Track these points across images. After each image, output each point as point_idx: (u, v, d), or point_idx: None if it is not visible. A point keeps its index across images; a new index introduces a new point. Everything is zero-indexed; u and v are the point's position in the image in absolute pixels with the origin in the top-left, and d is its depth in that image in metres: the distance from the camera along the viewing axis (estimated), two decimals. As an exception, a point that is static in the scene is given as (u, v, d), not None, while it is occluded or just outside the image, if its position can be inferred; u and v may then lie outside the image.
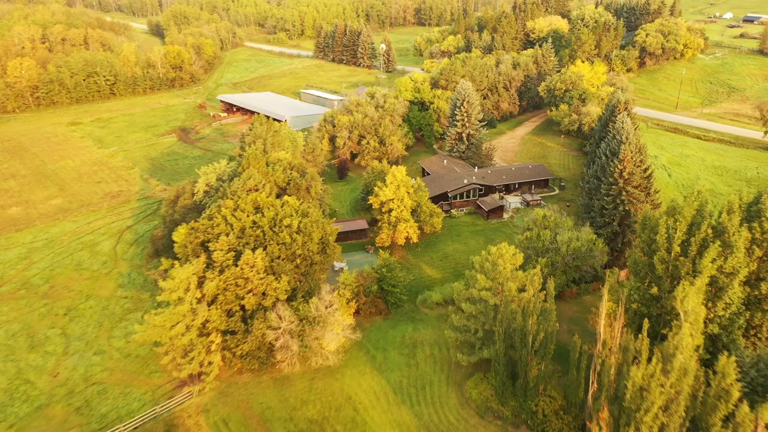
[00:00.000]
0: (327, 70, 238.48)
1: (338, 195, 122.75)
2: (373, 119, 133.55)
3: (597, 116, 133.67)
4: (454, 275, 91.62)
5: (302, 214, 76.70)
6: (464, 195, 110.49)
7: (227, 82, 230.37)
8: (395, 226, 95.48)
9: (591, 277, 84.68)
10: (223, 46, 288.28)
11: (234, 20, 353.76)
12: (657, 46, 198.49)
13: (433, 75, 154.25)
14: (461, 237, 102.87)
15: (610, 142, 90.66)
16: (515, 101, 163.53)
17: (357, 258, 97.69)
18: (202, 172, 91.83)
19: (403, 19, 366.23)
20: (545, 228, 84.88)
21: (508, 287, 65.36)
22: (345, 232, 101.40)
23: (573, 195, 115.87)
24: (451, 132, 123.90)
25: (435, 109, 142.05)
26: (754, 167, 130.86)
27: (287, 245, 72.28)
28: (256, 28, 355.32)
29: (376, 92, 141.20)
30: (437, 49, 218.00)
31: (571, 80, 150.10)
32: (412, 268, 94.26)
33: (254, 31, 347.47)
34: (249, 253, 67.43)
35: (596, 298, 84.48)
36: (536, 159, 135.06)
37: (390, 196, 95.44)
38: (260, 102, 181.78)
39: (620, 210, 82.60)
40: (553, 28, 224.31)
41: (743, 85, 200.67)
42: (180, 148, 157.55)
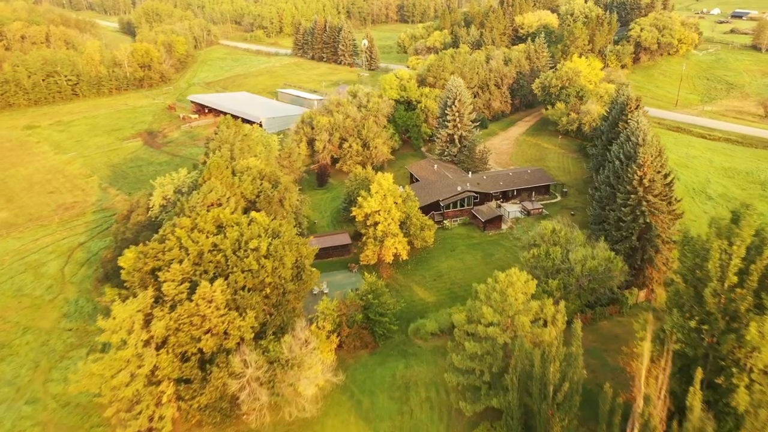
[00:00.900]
0: (306, 69, 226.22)
1: (318, 204, 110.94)
2: (355, 120, 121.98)
3: (598, 115, 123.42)
4: (449, 298, 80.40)
5: (272, 234, 64.84)
6: (458, 204, 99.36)
7: (200, 81, 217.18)
8: (382, 241, 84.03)
9: (607, 300, 73.96)
10: (197, 45, 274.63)
11: (210, 18, 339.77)
12: (652, 41, 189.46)
13: (419, 72, 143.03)
14: (456, 252, 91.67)
15: (624, 145, 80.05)
16: (507, 100, 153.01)
17: (339, 278, 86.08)
18: (158, 184, 79.56)
19: (386, 16, 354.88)
20: (555, 244, 73.95)
21: (520, 322, 54.22)
22: (325, 248, 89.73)
23: (577, 202, 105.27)
24: (442, 134, 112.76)
25: (423, 109, 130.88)
26: (767, 168, 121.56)
27: (254, 273, 60.41)
28: (233, 26, 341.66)
29: (359, 91, 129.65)
30: (423, 46, 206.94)
31: (567, 77, 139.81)
32: (402, 289, 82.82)
33: (230, 29, 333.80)
34: (206, 286, 55.45)
35: (614, 324, 73.81)
36: (533, 162, 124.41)
37: (375, 208, 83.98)
38: (234, 102, 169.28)
39: (640, 222, 71.95)
40: (542, 23, 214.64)
41: (741, 81, 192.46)
42: (145, 153, 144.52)
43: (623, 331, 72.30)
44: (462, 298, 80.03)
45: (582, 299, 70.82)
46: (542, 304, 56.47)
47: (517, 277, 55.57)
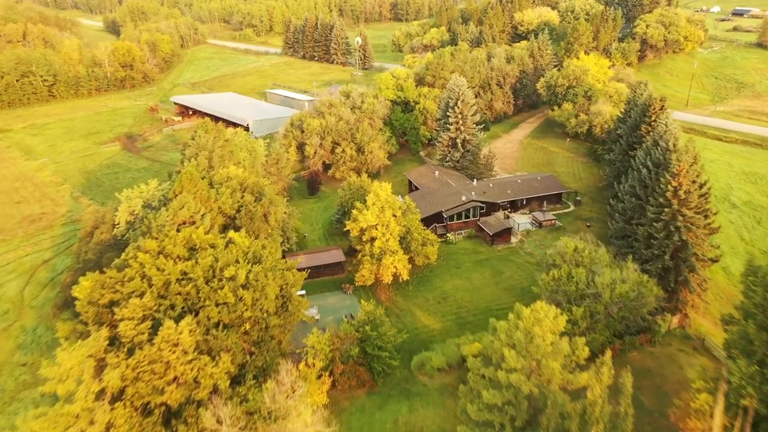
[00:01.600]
0: (297, 68, 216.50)
1: (308, 215, 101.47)
2: (348, 123, 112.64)
3: (610, 116, 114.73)
4: (457, 324, 71.22)
5: (253, 260, 55.40)
6: (462, 215, 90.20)
7: (185, 82, 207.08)
8: (380, 259, 74.74)
9: (636, 327, 64.92)
10: (183, 44, 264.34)
11: (197, 16, 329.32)
12: (659, 38, 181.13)
13: (417, 71, 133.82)
14: (462, 270, 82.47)
15: (652, 150, 71.09)
16: (510, 100, 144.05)
17: (332, 301, 76.76)
18: (124, 197, 69.92)
19: (379, 14, 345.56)
20: (577, 265, 64.89)
21: (549, 368, 45.09)
22: (316, 266, 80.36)
23: (592, 212, 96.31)
24: (443, 137, 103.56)
25: (421, 110, 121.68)
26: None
27: (230, 306, 50.95)
28: (221, 24, 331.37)
29: (352, 91, 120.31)
30: (419, 43, 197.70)
31: (574, 75, 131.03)
32: (403, 314, 73.54)
33: (219, 27, 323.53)
34: (170, 326, 45.95)
35: (645, 356, 64.76)
36: (540, 167, 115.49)
37: (372, 222, 74.71)
38: (219, 104, 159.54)
39: (674, 239, 62.96)
40: (543, 20, 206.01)
41: (751, 80, 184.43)
42: (123, 158, 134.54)
43: (656, 364, 63.40)
44: (471, 325, 71.07)
45: (611, 329, 61.77)
46: (574, 345, 47.31)
47: (545, 312, 46.38)
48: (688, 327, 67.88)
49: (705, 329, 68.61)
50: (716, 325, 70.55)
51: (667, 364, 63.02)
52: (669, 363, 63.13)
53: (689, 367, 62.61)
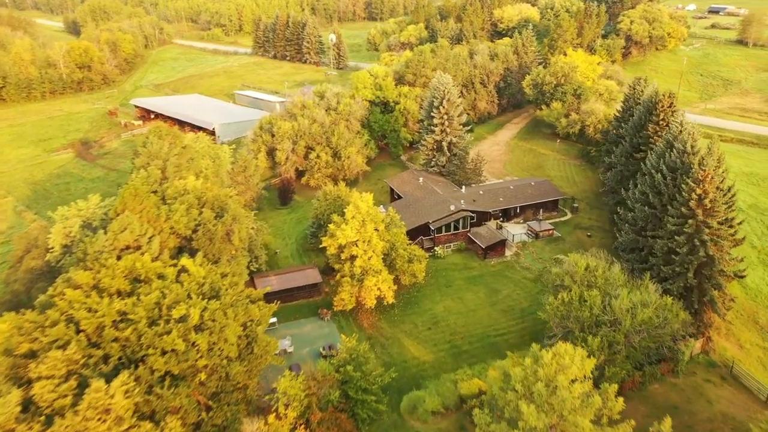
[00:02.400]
0: (267, 68, 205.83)
1: (280, 228, 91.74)
2: (323, 125, 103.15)
3: (604, 116, 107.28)
4: (451, 355, 62.31)
5: (210, 293, 45.68)
6: (451, 226, 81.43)
7: (149, 83, 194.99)
8: (361, 280, 65.53)
9: (656, 355, 56.73)
10: (147, 44, 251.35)
11: (163, 16, 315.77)
12: (644, 35, 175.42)
13: (396, 69, 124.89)
14: (453, 288, 73.65)
15: (666, 153, 63.11)
16: (494, 99, 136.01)
17: (308, 329, 67.26)
18: (59, 216, 59.39)
19: (353, 13, 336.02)
20: (590, 286, 56.48)
21: (578, 427, 36.38)
22: (290, 289, 70.86)
23: (591, 220, 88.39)
24: (427, 140, 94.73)
25: (402, 111, 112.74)
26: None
27: (180, 354, 41.22)
28: (189, 24, 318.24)
29: (327, 91, 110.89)
30: (396, 41, 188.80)
31: (562, 72, 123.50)
32: (389, 344, 64.36)
33: (186, 27, 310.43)
34: (99, 387, 36.10)
35: (667, 388, 56.57)
36: (531, 170, 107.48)
37: (352, 238, 65.50)
38: (184, 106, 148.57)
39: (700, 255, 54.88)
40: (523, 17, 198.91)
41: (737, 77, 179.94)
42: (76, 167, 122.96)
43: (681, 398, 55.27)
44: (467, 355, 62.27)
45: (631, 361, 53.44)
46: (605, 394, 38.61)
47: (571, 357, 37.61)
48: (712, 352, 60.00)
49: (730, 353, 60.81)
50: (741, 349, 62.96)
51: (694, 398, 54.97)
52: (696, 397, 55.08)
53: (719, 401, 54.70)
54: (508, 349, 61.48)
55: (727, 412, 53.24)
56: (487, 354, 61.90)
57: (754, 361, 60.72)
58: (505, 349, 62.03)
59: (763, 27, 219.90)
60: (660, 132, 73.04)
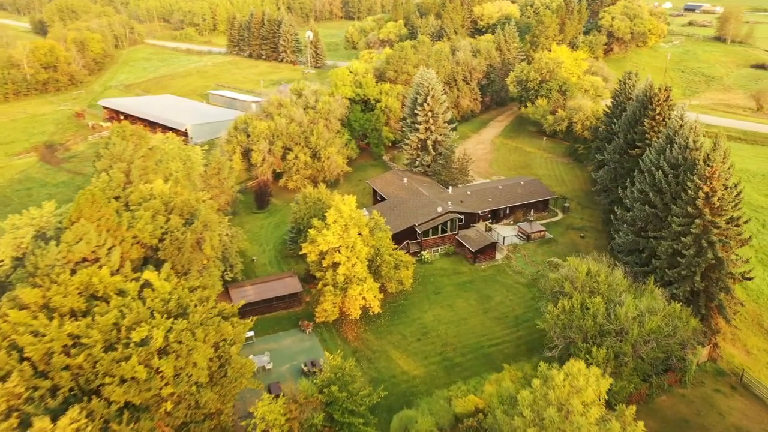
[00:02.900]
0: (243, 68, 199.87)
1: (257, 234, 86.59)
2: (301, 124, 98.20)
3: (592, 112, 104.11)
4: (443, 369, 57.92)
5: (177, 311, 40.65)
6: (439, 229, 77.16)
7: (119, 84, 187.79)
8: (345, 289, 60.85)
9: (663, 365, 52.99)
10: (117, 44, 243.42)
11: (134, 15, 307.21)
12: (626, 31, 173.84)
13: (377, 65, 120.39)
14: (442, 295, 69.33)
15: (667, 149, 59.58)
16: (477, 97, 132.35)
17: (287, 343, 62.35)
18: (9, 225, 53.58)
19: (330, 12, 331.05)
20: (592, 293, 52.57)
21: (596, 457, 32.18)
22: (268, 299, 65.91)
23: (583, 220, 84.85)
24: (411, 138, 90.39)
25: (383, 109, 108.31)
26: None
27: (141, 383, 36.15)
28: (161, 24, 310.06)
29: (305, 89, 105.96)
30: (375, 38, 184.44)
31: (547, 68, 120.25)
32: (376, 357, 59.77)
33: (158, 27, 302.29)
34: (43, 427, 30.94)
35: (676, 400, 52.86)
36: (518, 169, 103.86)
37: (334, 244, 60.78)
38: (155, 107, 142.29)
39: (708, 257, 51.30)
40: (503, 14, 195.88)
41: (718, 74, 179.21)
42: (39, 171, 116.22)
43: (691, 410, 51.59)
44: (460, 368, 57.95)
45: (639, 374, 49.61)
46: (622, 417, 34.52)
47: (585, 378, 33.45)
48: (719, 360, 56.53)
49: (738, 360, 57.42)
50: (749, 355, 59.59)
51: (705, 410, 51.34)
52: (707, 409, 51.46)
53: (731, 413, 51.14)
54: (504, 361, 57.36)
55: (740, 426, 49.71)
56: (482, 366, 57.70)
57: (763, 368, 57.38)
58: (501, 360, 57.92)
59: (740, 24, 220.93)
60: (657, 127, 69.70)
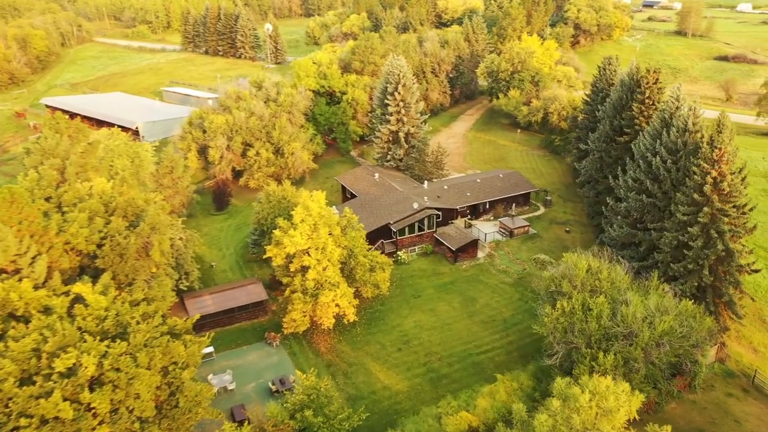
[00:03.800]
0: (199, 65, 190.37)
1: (216, 237, 79.06)
2: (262, 118, 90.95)
3: (569, 102, 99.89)
4: (429, 381, 51.86)
5: (115, 330, 33.43)
6: (415, 227, 71.16)
7: (65, 82, 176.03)
8: (316, 296, 54.24)
9: (671, 370, 48.04)
10: (64, 42, 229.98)
11: (82, 13, 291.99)
12: (592, 23, 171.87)
13: (342, 56, 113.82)
14: (422, 299, 63.31)
15: (664, 133, 54.92)
16: (446, 90, 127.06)
17: (252, 358, 55.36)
18: None
19: (289, 9, 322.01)
20: (594, 292, 47.27)
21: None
22: (229, 309, 58.76)
23: (566, 213, 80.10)
24: (382, 131, 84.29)
25: (349, 102, 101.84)
26: (761, 157, 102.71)
27: (67, 424, 28.87)
28: (112, 22, 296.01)
29: (265, 81, 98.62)
30: (338, 32, 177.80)
31: (519, 59, 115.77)
32: (353, 372, 53.27)
33: (109, 25, 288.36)
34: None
35: (687, 407, 47.88)
36: (493, 163, 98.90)
37: (302, 245, 54.15)
38: (103, 105, 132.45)
39: (718, 248, 46.58)
40: (468, 8, 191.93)
41: (683, 66, 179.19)
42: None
43: (705, 419, 46.73)
44: (447, 380, 52.00)
45: (650, 381, 44.43)
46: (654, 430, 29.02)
47: (616, 397, 27.76)
48: (728, 360, 52.01)
49: (746, 360, 53.07)
50: (756, 353, 55.28)
51: (720, 417, 46.55)
52: (721, 416, 46.69)
53: (747, 419, 46.50)
54: (496, 370, 51.71)
55: (759, 434, 45.14)
56: (472, 377, 51.91)
57: (772, 367, 53.18)
58: (492, 369, 52.28)
59: (700, 18, 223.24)
60: (646, 112, 65.37)
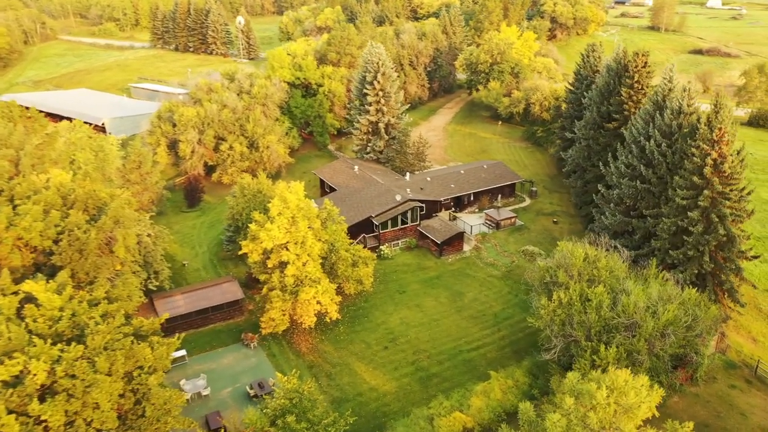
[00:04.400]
0: (169, 61, 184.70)
1: (188, 235, 74.94)
2: (235, 111, 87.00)
3: (551, 92, 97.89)
4: (418, 380, 48.78)
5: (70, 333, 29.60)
6: (398, 220, 68.08)
7: (27, 80, 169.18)
8: (295, 293, 50.78)
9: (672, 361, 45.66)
10: (27, 39, 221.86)
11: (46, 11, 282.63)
12: (569, 16, 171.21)
13: (317, 48, 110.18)
14: (408, 295, 60.24)
15: (657, 116, 52.75)
16: (425, 83, 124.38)
17: (228, 361, 51.64)
18: None
19: (261, 7, 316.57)
20: (591, 281, 44.71)
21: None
22: (202, 310, 54.93)
23: (552, 205, 77.81)
24: (362, 122, 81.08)
25: (326, 94, 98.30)
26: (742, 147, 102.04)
27: (14, 442, 24.96)
28: (77, 19, 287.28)
29: (238, 72, 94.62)
30: (312, 25, 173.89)
31: (498, 50, 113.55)
32: (337, 373, 49.92)
33: (74, 23, 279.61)
34: None
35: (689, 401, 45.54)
36: (475, 155, 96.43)
37: (280, 240, 50.68)
38: (67, 102, 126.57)
39: (719, 233, 44.44)
40: (443, 2, 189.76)
41: (659, 59, 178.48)
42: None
43: (709, 412, 44.51)
44: (438, 378, 48.99)
45: (653, 374, 41.91)
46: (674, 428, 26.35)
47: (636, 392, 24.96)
48: (728, 350, 49.98)
49: (747, 350, 51.14)
50: (756, 342, 53.44)
51: (724, 411, 44.35)
52: (726, 409, 44.50)
53: (753, 412, 44.39)
54: (489, 367, 48.98)
55: (766, 427, 43.00)
56: (463, 375, 48.99)
57: (773, 357, 51.33)
58: (485, 367, 49.48)
59: (672, 14, 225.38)
60: (636, 96, 63.24)
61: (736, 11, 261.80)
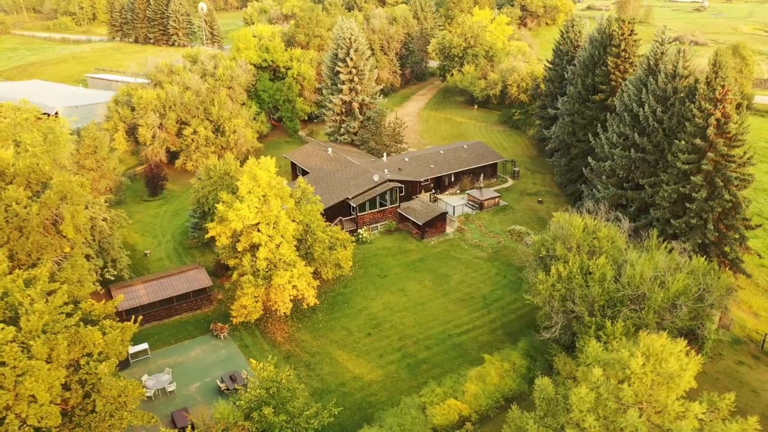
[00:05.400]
0: (128, 53, 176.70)
1: (150, 224, 69.46)
2: (199, 93, 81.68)
3: (528, 73, 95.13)
4: (405, 367, 44.77)
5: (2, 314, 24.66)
6: (376, 202, 64.00)
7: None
8: (268, 278, 46.29)
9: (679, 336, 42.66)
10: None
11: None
12: (539, 4, 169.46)
13: (285, 30, 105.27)
14: (390, 279, 56.23)
15: (651, 80, 49.90)
16: (396, 69, 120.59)
17: (196, 354, 46.81)
18: None
19: (225, 2, 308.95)
20: (592, 253, 41.40)
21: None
22: (166, 300, 49.97)
23: (536, 185, 74.72)
24: (335, 102, 76.73)
25: (295, 77, 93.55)
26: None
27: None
28: (31, 14, 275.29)
29: (201, 54, 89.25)
30: (278, 13, 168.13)
31: (472, 33, 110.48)
32: (317, 363, 45.56)
33: (28, 18, 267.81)
34: None
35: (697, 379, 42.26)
36: (452, 139, 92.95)
37: (251, 220, 46.17)
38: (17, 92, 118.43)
39: (724, 198, 41.65)
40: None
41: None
42: None
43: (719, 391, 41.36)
44: (427, 364, 45.07)
45: (663, 349, 38.73)
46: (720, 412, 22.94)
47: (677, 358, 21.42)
48: (731, 325, 47.34)
49: (750, 325, 48.62)
50: (758, 317, 51.00)
51: (735, 388, 41.43)
52: (736, 386, 41.69)
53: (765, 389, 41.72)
54: (481, 350, 45.41)
55: (780, 402, 40.35)
56: (454, 360, 45.22)
57: (776, 331, 48.92)
58: (476, 350, 45.83)
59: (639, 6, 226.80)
60: (623, 66, 60.52)
61: (699, 3, 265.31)
